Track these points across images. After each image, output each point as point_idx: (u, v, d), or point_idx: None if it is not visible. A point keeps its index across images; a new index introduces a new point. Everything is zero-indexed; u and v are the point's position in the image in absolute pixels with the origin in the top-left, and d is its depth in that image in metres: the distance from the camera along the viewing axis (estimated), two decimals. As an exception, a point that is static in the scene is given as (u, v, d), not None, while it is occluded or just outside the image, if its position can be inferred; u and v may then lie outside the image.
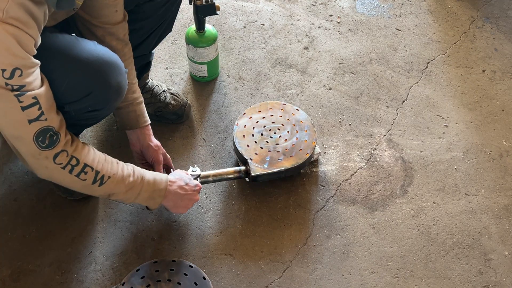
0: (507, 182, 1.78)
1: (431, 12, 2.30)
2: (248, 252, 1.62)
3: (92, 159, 1.31)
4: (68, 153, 1.25)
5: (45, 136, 1.20)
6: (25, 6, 1.09)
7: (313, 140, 1.73)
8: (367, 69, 2.09)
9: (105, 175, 1.33)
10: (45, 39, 1.26)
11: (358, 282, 1.57)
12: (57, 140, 1.22)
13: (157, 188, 1.44)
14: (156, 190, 1.44)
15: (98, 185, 1.33)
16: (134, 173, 1.40)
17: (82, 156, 1.28)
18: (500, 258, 1.62)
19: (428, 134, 1.90)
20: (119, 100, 1.44)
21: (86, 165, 1.29)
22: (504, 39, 2.20)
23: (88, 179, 1.30)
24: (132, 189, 1.39)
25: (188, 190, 1.51)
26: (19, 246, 1.61)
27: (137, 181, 1.39)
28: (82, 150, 1.29)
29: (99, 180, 1.32)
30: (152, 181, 1.43)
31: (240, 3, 2.31)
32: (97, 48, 1.34)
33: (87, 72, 1.29)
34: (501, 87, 2.04)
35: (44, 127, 1.20)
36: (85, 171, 1.29)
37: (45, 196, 1.71)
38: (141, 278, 1.48)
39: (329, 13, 2.29)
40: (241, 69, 2.08)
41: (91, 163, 1.30)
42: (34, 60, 1.15)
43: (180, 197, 1.50)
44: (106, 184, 1.34)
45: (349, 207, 1.72)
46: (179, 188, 1.50)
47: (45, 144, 1.21)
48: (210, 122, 1.92)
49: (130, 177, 1.38)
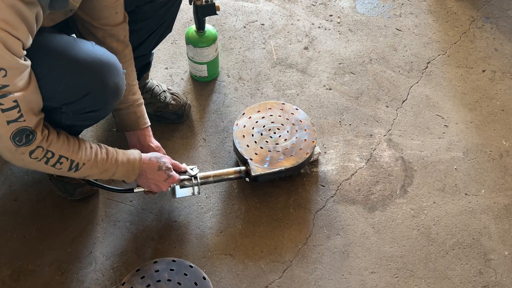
0: (507, 182, 1.78)
1: (431, 12, 2.30)
2: (248, 252, 1.62)
3: (66, 149, 1.32)
4: (44, 148, 1.27)
5: (22, 136, 1.22)
6: (15, 7, 1.09)
7: (312, 140, 1.73)
8: (367, 69, 2.09)
9: (79, 162, 1.35)
10: (43, 39, 1.26)
11: (358, 282, 1.57)
12: (33, 139, 1.24)
13: (131, 168, 1.47)
14: (130, 170, 1.47)
15: (74, 171, 1.36)
16: (108, 157, 1.42)
17: (57, 148, 1.30)
18: (500, 258, 1.62)
19: (428, 134, 1.90)
20: (117, 101, 1.44)
21: (61, 156, 1.31)
22: (504, 39, 2.20)
23: (64, 167, 1.33)
24: (107, 171, 1.43)
25: (162, 167, 1.53)
26: (19, 246, 1.61)
27: (111, 163, 1.42)
28: (57, 143, 1.30)
29: (74, 167, 1.35)
30: (126, 161, 1.46)
31: (240, 3, 2.31)
32: (95, 49, 1.34)
33: (85, 73, 1.29)
34: (501, 87, 2.04)
35: (22, 128, 1.21)
36: (61, 162, 1.31)
37: (45, 196, 1.71)
38: (141, 278, 1.48)
39: (329, 13, 2.29)
40: (241, 69, 2.08)
41: (66, 153, 1.32)
42: (21, 62, 1.15)
43: (153, 175, 1.52)
44: (81, 170, 1.37)
45: (349, 207, 1.72)
46: (152, 166, 1.52)
47: (21, 143, 1.22)
48: (210, 122, 1.92)
49: (104, 161, 1.41)
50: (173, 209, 1.70)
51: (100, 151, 1.41)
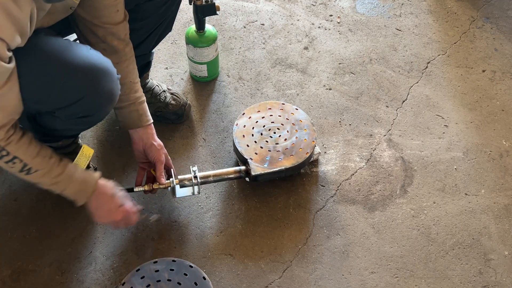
0: (507, 182, 1.78)
1: (431, 12, 2.30)
2: (248, 252, 1.62)
3: (23, 152, 1.30)
4: (1, 146, 1.26)
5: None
6: (3, 6, 1.07)
7: (312, 139, 1.73)
8: (367, 69, 2.09)
9: (32, 167, 1.33)
10: (39, 41, 1.25)
11: (358, 282, 1.57)
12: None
13: (84, 187, 1.43)
14: (82, 189, 1.43)
15: (25, 174, 1.34)
16: (63, 171, 1.38)
17: (14, 149, 1.28)
18: (500, 258, 1.62)
19: (428, 134, 1.90)
20: (111, 107, 1.43)
21: (15, 157, 1.29)
22: (504, 39, 2.20)
23: (16, 168, 1.31)
24: (57, 184, 1.39)
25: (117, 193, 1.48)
26: (19, 246, 1.61)
27: (64, 178, 1.38)
28: (16, 144, 1.28)
29: (26, 170, 1.32)
30: (81, 180, 1.42)
31: (240, 3, 2.31)
32: (90, 53, 1.34)
33: (79, 77, 1.29)
34: (501, 87, 2.04)
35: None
36: (14, 162, 1.29)
37: (45, 196, 1.71)
38: (141, 278, 1.48)
39: (329, 13, 2.29)
40: (241, 69, 2.08)
41: (21, 155, 1.29)
42: (2, 65, 1.13)
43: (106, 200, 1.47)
44: (32, 175, 1.34)
45: (349, 207, 1.72)
46: (106, 191, 1.46)
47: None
48: (210, 122, 1.92)
49: (57, 175, 1.37)
50: (173, 209, 1.70)
51: (58, 164, 1.37)
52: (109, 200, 1.46)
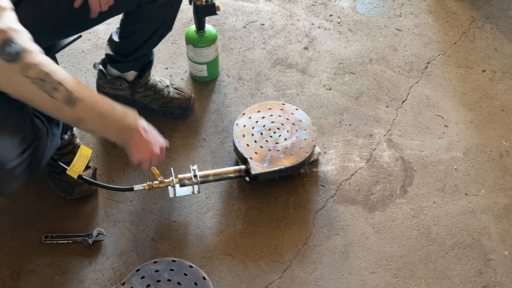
0: (507, 182, 1.78)
1: (431, 12, 2.30)
2: (248, 252, 1.62)
3: (63, 74, 1.18)
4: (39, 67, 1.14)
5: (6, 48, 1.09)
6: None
7: (312, 139, 1.73)
8: (367, 69, 2.09)
9: (78, 96, 1.20)
10: None
11: (358, 282, 1.57)
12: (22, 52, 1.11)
13: (127, 124, 1.33)
14: (126, 126, 1.33)
15: (70, 108, 1.20)
16: (104, 102, 1.28)
17: (52, 69, 1.16)
18: (500, 258, 1.62)
19: (428, 134, 1.90)
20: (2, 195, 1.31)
21: (58, 82, 1.16)
22: (504, 39, 2.20)
23: (59, 98, 1.17)
24: (102, 119, 1.28)
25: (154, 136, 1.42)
26: (19, 246, 1.61)
27: (107, 111, 1.28)
28: (52, 64, 1.16)
29: (71, 101, 1.19)
30: (123, 114, 1.32)
31: (240, 3, 2.31)
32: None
33: None
34: (501, 87, 2.04)
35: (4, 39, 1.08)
36: (57, 88, 1.16)
37: (45, 196, 1.71)
38: (141, 278, 1.48)
39: (329, 13, 2.29)
40: (241, 69, 2.08)
41: (63, 79, 1.17)
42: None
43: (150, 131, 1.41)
44: (77, 107, 1.21)
45: (349, 207, 1.72)
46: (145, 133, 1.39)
47: (9, 57, 1.09)
48: (210, 122, 1.92)
49: (101, 104, 1.26)
50: (173, 209, 1.70)
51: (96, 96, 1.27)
52: (148, 133, 1.39)
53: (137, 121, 1.36)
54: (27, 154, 1.25)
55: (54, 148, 1.49)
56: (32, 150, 1.26)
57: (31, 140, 1.26)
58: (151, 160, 1.45)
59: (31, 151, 1.26)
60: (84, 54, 2.11)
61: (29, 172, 1.28)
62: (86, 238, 1.61)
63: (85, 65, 2.07)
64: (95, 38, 2.15)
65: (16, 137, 1.22)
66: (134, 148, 1.39)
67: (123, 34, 1.70)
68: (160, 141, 1.46)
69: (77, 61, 2.08)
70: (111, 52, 1.75)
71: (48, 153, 1.39)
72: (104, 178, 1.76)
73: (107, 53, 1.76)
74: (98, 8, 1.42)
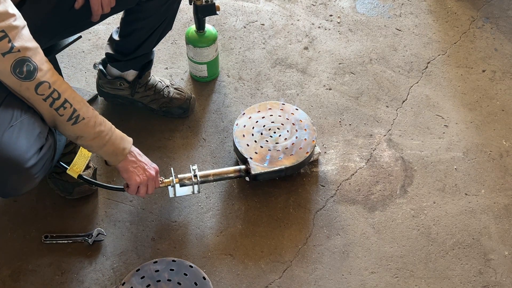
0: (507, 182, 1.78)
1: (431, 12, 2.30)
2: (248, 252, 1.62)
3: (71, 95, 1.27)
4: (50, 85, 1.22)
5: (22, 67, 1.17)
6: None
7: (312, 139, 1.73)
8: (367, 69, 2.09)
9: (80, 114, 1.29)
10: None
11: (358, 282, 1.57)
12: (35, 71, 1.19)
13: (122, 146, 1.41)
14: (120, 148, 1.41)
15: (71, 124, 1.29)
16: (105, 124, 1.36)
17: (63, 89, 1.25)
18: (500, 258, 1.62)
19: (428, 134, 1.90)
20: (19, 194, 1.33)
21: (66, 100, 1.26)
22: (504, 39, 2.20)
23: (66, 115, 1.27)
24: (99, 138, 1.35)
25: (147, 160, 1.49)
26: (19, 246, 1.61)
27: (106, 132, 1.36)
28: (63, 83, 1.26)
29: (74, 117, 1.29)
30: (120, 137, 1.41)
31: (240, 3, 2.31)
32: (4, 139, 1.21)
33: None
34: (501, 87, 2.04)
35: (19, 58, 1.16)
36: (65, 106, 1.26)
37: (45, 196, 1.71)
38: (141, 278, 1.48)
39: (329, 13, 2.29)
40: (241, 69, 2.08)
41: (71, 98, 1.27)
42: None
43: (142, 158, 1.48)
44: (78, 124, 1.30)
45: (349, 207, 1.72)
46: (140, 156, 1.48)
47: (23, 75, 1.18)
48: (210, 122, 1.92)
49: (101, 125, 1.35)
50: (173, 209, 1.70)
51: (100, 117, 1.36)
52: (142, 157, 1.48)
53: (131, 146, 1.45)
54: (43, 152, 1.28)
55: (62, 146, 1.52)
56: (47, 148, 1.30)
57: (45, 138, 1.30)
58: (148, 184, 1.50)
59: (47, 149, 1.30)
60: (84, 54, 2.11)
61: (44, 171, 1.31)
62: (86, 238, 1.61)
63: (85, 65, 2.07)
64: (95, 38, 2.15)
65: (33, 135, 1.26)
66: (132, 171, 1.46)
67: (123, 33, 1.70)
68: (154, 165, 1.52)
69: (77, 61, 2.08)
70: (111, 51, 1.75)
71: (58, 152, 1.43)
72: (104, 178, 1.76)
73: (107, 52, 1.76)
74: (100, 10, 1.45)
